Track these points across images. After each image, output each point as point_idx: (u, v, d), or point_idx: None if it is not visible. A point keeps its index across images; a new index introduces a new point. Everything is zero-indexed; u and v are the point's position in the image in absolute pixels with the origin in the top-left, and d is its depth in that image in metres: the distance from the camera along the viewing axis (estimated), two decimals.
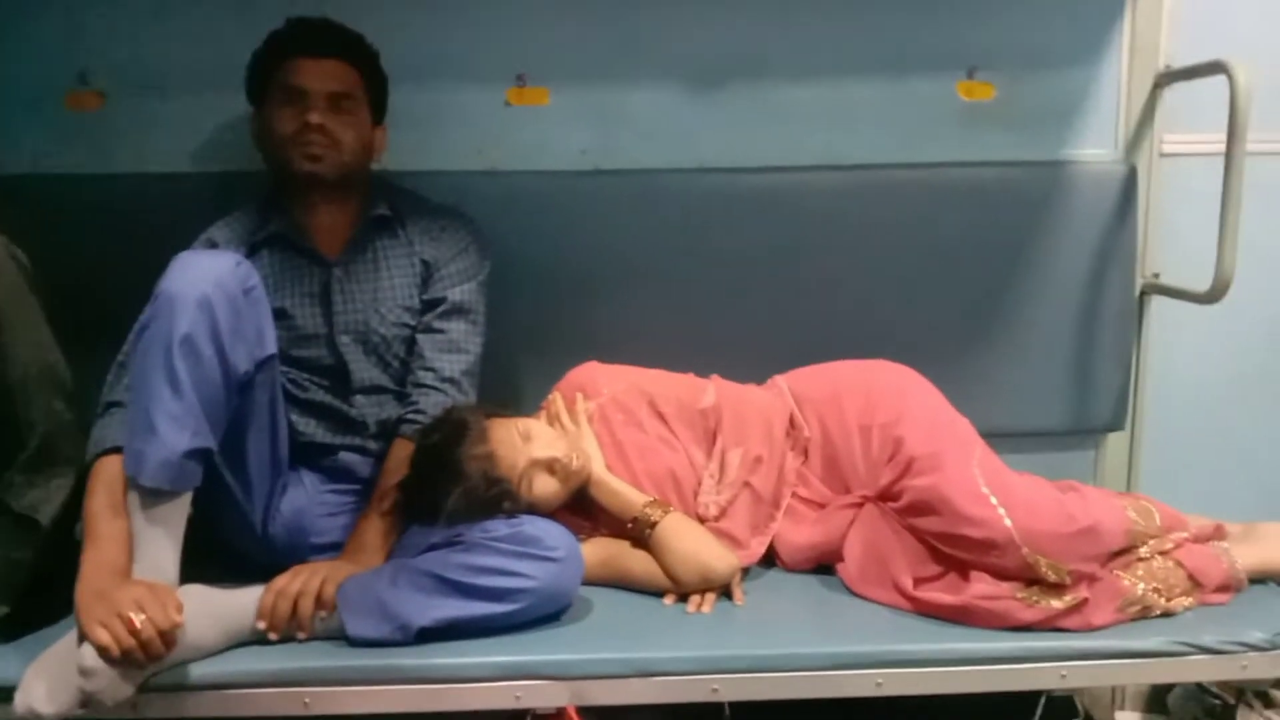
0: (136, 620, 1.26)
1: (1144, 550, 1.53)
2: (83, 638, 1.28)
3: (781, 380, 1.75)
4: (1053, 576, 1.43)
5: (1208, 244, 1.71)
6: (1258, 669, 1.44)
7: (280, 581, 1.41)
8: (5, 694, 1.29)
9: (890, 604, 1.51)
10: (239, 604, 1.40)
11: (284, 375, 1.61)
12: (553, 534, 1.45)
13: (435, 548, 1.44)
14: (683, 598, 1.52)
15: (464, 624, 1.40)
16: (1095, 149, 1.95)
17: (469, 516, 1.45)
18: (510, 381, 1.86)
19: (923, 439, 1.55)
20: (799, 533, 1.62)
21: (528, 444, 1.53)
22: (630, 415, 1.66)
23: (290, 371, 1.65)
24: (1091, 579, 1.45)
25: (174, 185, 1.87)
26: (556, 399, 1.69)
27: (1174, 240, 1.96)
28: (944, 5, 1.90)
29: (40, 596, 1.43)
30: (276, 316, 1.56)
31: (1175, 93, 1.92)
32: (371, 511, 1.55)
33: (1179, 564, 1.51)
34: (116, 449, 1.40)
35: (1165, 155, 1.95)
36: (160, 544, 1.36)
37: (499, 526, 1.44)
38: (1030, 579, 1.44)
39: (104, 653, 1.25)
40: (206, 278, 1.38)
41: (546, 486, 1.54)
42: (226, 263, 1.43)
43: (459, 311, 1.68)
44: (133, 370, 1.41)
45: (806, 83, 1.91)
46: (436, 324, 1.68)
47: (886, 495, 1.57)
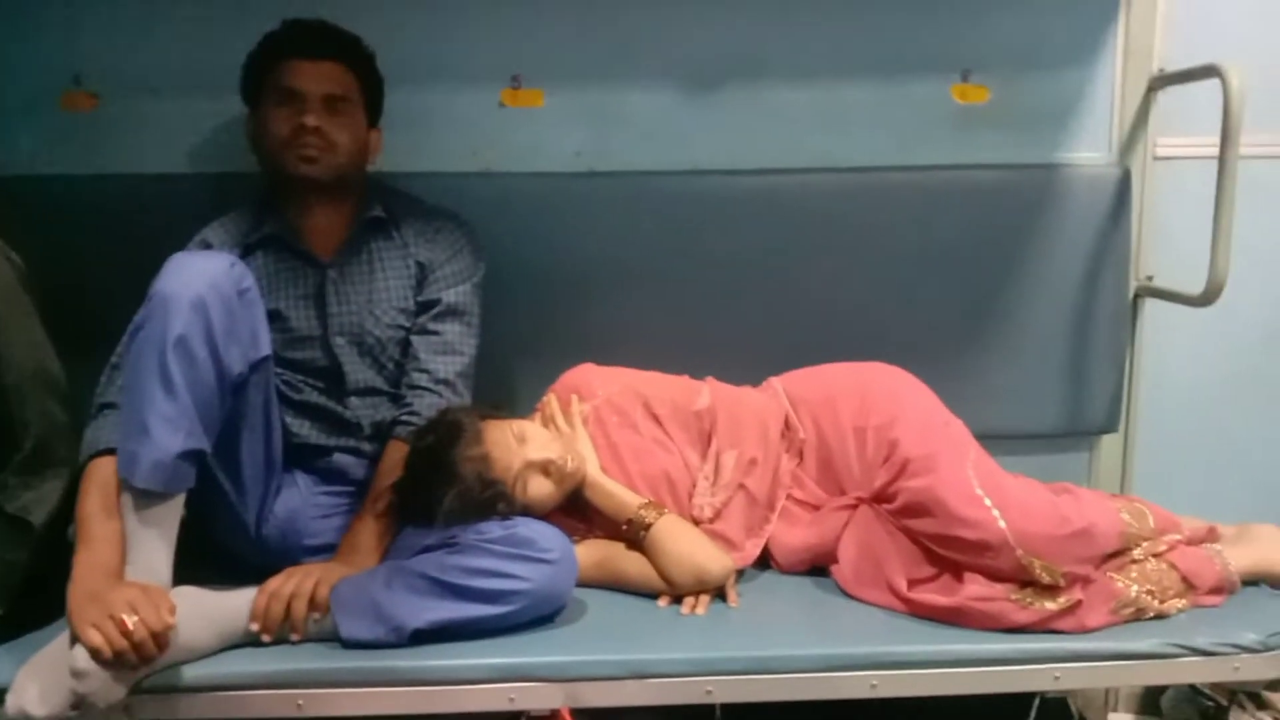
0: (129, 622, 1.26)
1: (1138, 552, 1.53)
2: (75, 639, 1.27)
3: (776, 382, 1.75)
4: (1047, 578, 1.43)
5: (1201, 247, 1.71)
6: (1250, 671, 1.44)
7: (274, 583, 1.41)
8: None
9: (885, 605, 1.51)
10: (232, 606, 1.39)
11: (278, 377, 1.61)
12: (547, 536, 1.44)
13: (429, 549, 1.44)
14: (677, 600, 1.52)
15: (458, 626, 1.39)
16: (1089, 152, 1.95)
17: (463, 518, 1.45)
18: (505, 383, 1.86)
19: (917, 441, 1.56)
20: (793, 534, 1.62)
21: (522, 446, 1.53)
22: (625, 417, 1.66)
23: (284, 373, 1.64)
24: (1085, 581, 1.46)
25: (168, 186, 1.86)
26: (551, 401, 1.69)
27: (1167, 243, 1.96)
28: (939, 8, 1.91)
29: (33, 598, 1.42)
30: (271, 318, 1.56)
31: (1169, 96, 1.93)
32: (365, 513, 1.55)
33: (1172, 566, 1.52)
34: (110, 450, 1.40)
35: (1159, 158, 1.95)
36: (153, 545, 1.36)
37: (493, 528, 1.44)
38: (1024, 581, 1.45)
39: (96, 654, 1.25)
40: (201, 279, 1.38)
41: (541, 488, 1.54)
42: (221, 264, 1.43)
43: (453, 313, 1.68)
44: (126, 371, 1.41)
45: (801, 85, 1.91)
46: (431, 326, 1.68)
47: (881, 497, 1.57)
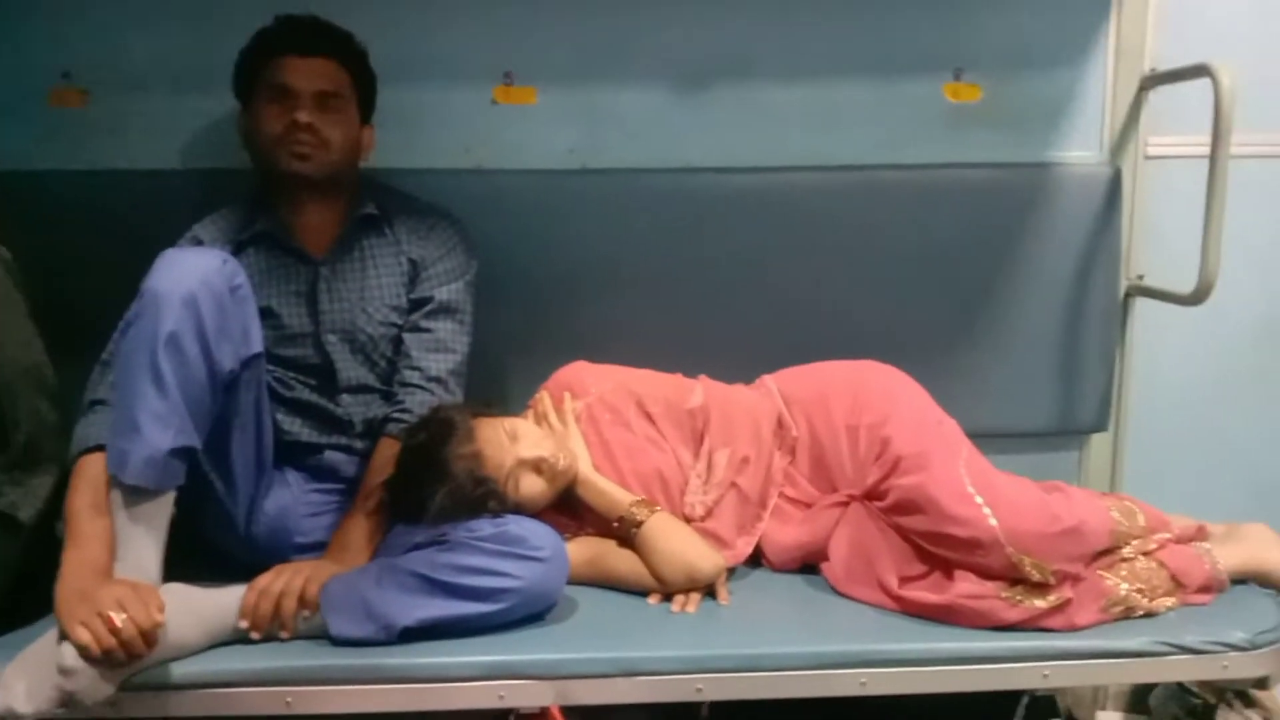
0: (117, 619, 1.25)
1: (1127, 551, 1.53)
2: (63, 636, 1.27)
3: (769, 380, 1.75)
4: (1037, 576, 1.43)
5: (1192, 246, 1.72)
6: (1238, 669, 1.45)
7: (263, 580, 1.40)
8: None
9: (875, 603, 1.51)
10: (221, 603, 1.39)
11: (270, 374, 1.61)
12: (538, 534, 1.44)
13: (420, 547, 1.43)
14: (668, 597, 1.52)
15: (448, 624, 1.39)
16: (1080, 151, 1.95)
17: (454, 516, 1.45)
18: (497, 381, 1.86)
19: (909, 439, 1.56)
20: (785, 533, 1.62)
21: (514, 443, 1.53)
22: (618, 415, 1.65)
23: (276, 370, 1.64)
24: (1075, 579, 1.46)
25: (159, 182, 1.86)
26: (544, 398, 1.69)
27: (1158, 242, 1.97)
28: (931, 7, 1.91)
29: (21, 595, 1.42)
30: (262, 315, 1.55)
31: (1160, 95, 1.93)
32: (356, 511, 1.54)
33: (1162, 564, 1.52)
34: (99, 447, 1.39)
35: (1150, 157, 1.95)
36: (142, 543, 1.35)
37: (484, 526, 1.43)
38: (1014, 578, 1.45)
39: (84, 652, 1.25)
40: (192, 275, 1.38)
41: (533, 486, 1.54)
42: (213, 260, 1.42)
43: (446, 311, 1.68)
44: (117, 368, 1.41)
45: (793, 83, 1.91)
46: (423, 323, 1.67)
47: (873, 494, 1.57)
